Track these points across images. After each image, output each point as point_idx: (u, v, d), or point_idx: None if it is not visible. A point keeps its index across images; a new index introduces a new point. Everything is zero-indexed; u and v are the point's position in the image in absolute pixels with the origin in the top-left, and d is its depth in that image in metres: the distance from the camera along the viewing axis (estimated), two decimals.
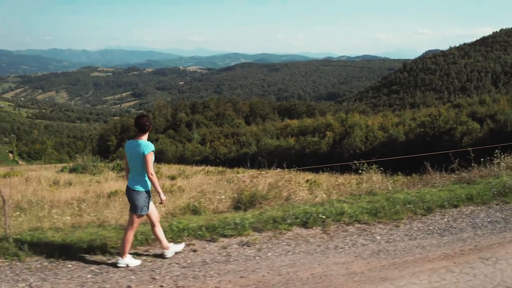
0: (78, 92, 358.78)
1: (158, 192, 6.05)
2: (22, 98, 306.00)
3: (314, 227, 7.48)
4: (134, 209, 6.09)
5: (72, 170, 27.02)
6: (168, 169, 27.76)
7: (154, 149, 6.06)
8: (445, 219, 7.89)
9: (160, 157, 58.85)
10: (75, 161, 31.13)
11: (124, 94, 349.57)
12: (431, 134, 54.20)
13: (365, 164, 12.57)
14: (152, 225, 6.38)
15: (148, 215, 6.26)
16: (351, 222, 7.67)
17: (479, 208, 8.39)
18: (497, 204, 8.55)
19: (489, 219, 7.82)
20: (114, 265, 6.08)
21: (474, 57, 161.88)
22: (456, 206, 8.44)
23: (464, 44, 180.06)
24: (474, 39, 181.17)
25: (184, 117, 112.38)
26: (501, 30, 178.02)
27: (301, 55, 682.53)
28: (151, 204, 6.26)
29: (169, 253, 6.43)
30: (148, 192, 6.14)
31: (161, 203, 6.19)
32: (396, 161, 16.93)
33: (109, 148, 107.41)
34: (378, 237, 7.15)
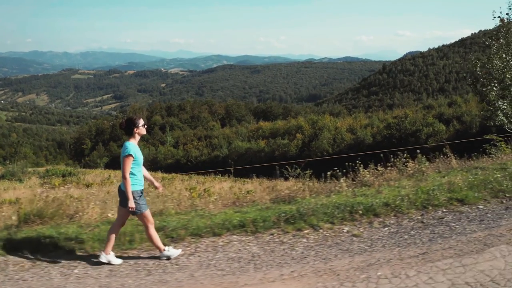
0: (58, 95, 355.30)
1: (127, 198, 5.85)
2: (2, 101, 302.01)
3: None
4: (134, 211, 6.00)
5: (1, 177, 25.97)
6: (99, 174, 26.57)
7: (131, 152, 5.91)
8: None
9: None
10: (5, 167, 30.10)
11: (105, 97, 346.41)
12: (397, 135, 53.89)
13: (298, 169, 11.46)
14: (119, 225, 6.29)
15: (120, 213, 6.21)
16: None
17: (243, 238, 6.82)
18: (271, 234, 6.92)
19: (234, 255, 6.31)
20: None
21: (453, 58, 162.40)
22: (216, 235, 6.94)
23: (443, 45, 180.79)
24: (454, 41, 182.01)
25: (158, 119, 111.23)
26: (480, 31, 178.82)
27: (283, 57, 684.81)
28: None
29: (103, 257, 6.13)
30: (136, 192, 5.97)
31: (129, 209, 5.94)
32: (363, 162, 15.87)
33: (83, 151, 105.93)
34: (54, 272, 5.99)
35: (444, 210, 7.40)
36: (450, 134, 49.50)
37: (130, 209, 5.90)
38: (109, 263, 6.07)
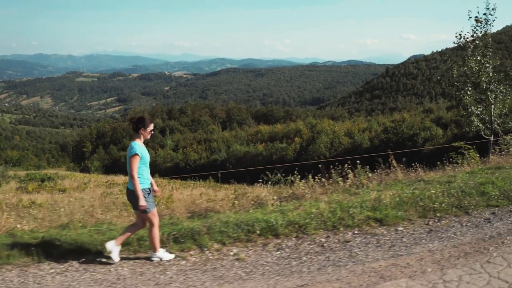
0: (63, 98, 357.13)
1: (138, 197, 5.80)
2: (6, 104, 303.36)
3: None
4: (141, 209, 5.96)
5: None
6: (82, 178, 26.22)
7: (137, 152, 5.90)
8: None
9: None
10: None
11: (109, 100, 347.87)
12: (394, 140, 53.16)
13: (278, 174, 10.74)
14: (136, 224, 6.31)
15: (137, 215, 6.21)
16: None
17: (121, 257, 6.09)
18: (176, 251, 6.29)
19: (100, 277, 5.59)
20: None
21: (456, 61, 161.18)
22: (98, 253, 6.28)
23: (446, 48, 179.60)
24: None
25: (159, 123, 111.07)
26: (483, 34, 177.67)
27: (287, 60, 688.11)
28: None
29: (110, 246, 6.02)
30: (144, 190, 5.93)
31: (140, 208, 5.85)
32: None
33: (84, 154, 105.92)
34: None
35: (356, 232, 6.48)
36: (448, 138, 48.71)
37: (141, 208, 5.81)
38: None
